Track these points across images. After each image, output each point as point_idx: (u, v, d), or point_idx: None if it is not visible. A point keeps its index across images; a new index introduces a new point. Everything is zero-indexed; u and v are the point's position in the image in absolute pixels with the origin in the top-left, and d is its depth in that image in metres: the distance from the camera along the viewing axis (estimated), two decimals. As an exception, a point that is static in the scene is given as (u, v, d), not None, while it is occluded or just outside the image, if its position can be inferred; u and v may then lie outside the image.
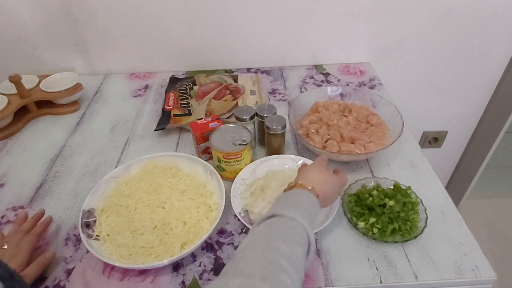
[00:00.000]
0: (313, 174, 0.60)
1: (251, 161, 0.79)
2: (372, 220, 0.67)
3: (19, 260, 0.59)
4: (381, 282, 0.60)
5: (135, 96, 1.09)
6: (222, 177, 0.74)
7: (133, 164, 0.78)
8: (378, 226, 0.66)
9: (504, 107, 1.30)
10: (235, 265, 0.43)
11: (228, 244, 0.67)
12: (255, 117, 0.82)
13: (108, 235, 0.65)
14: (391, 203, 0.68)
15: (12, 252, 0.60)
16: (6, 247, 0.61)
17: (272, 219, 0.50)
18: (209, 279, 0.62)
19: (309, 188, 0.57)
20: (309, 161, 0.78)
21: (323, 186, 0.58)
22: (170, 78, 1.12)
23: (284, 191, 0.59)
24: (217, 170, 0.75)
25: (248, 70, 1.19)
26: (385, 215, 0.66)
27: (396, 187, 0.73)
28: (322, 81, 1.13)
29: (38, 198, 0.78)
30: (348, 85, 1.10)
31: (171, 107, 0.96)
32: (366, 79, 1.13)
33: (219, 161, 0.76)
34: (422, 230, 0.65)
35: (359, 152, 0.78)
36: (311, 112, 0.90)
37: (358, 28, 1.13)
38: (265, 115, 0.81)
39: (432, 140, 1.44)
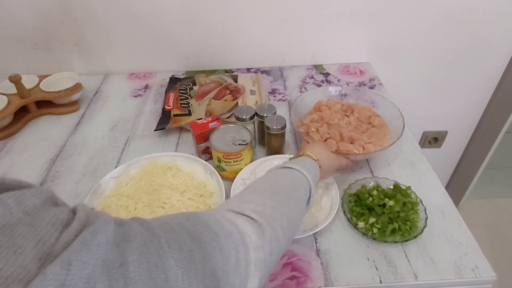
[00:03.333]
0: (319, 149, 0.66)
1: (251, 161, 0.79)
2: (372, 220, 0.67)
3: None
4: (381, 282, 0.60)
5: (135, 96, 1.09)
6: (222, 177, 0.74)
7: (133, 164, 0.78)
8: (378, 226, 0.66)
9: (504, 107, 1.30)
10: (246, 188, 0.50)
11: (228, 244, 0.67)
12: (255, 117, 0.82)
13: (108, 235, 0.65)
14: (391, 203, 0.68)
15: None
16: None
17: (280, 169, 0.56)
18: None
19: (315, 159, 0.62)
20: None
21: (326, 160, 0.65)
22: (170, 78, 1.12)
23: (291, 159, 0.64)
24: (217, 170, 0.75)
25: (248, 70, 1.19)
26: (385, 215, 0.66)
27: (396, 187, 0.73)
28: (322, 81, 1.13)
29: (38, 198, 0.78)
30: (348, 85, 1.10)
31: (171, 107, 0.96)
32: (366, 79, 1.13)
33: (219, 161, 0.76)
34: (422, 230, 0.65)
35: (357, 153, 0.78)
36: (314, 111, 0.90)
37: (358, 28, 1.13)
38: (265, 115, 0.81)
39: (432, 140, 1.44)
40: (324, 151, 0.67)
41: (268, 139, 0.81)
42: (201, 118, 0.83)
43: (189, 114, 0.94)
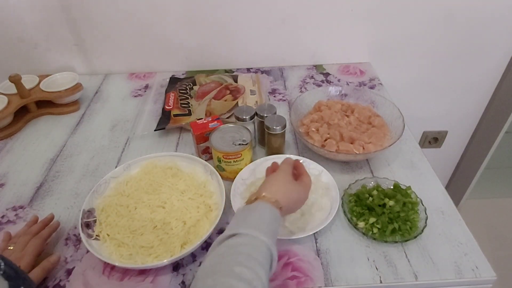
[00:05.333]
0: (279, 185, 0.59)
1: (251, 161, 0.79)
2: (372, 220, 0.67)
3: (24, 263, 0.59)
4: (381, 282, 0.60)
5: (135, 96, 1.09)
6: (222, 177, 0.74)
7: (133, 164, 0.78)
8: (378, 226, 0.66)
9: (504, 107, 1.30)
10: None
11: (228, 244, 0.67)
12: (255, 117, 0.82)
13: (108, 235, 0.65)
14: (391, 203, 0.68)
15: (17, 255, 0.60)
16: (12, 248, 0.61)
17: (233, 238, 0.49)
18: (209, 279, 0.62)
19: (273, 201, 0.55)
20: (310, 161, 0.78)
21: (287, 199, 0.58)
22: (170, 78, 1.12)
23: (247, 202, 0.57)
24: (217, 170, 0.75)
25: (248, 70, 1.19)
26: (385, 215, 0.67)
27: (396, 187, 0.73)
28: (322, 81, 1.13)
29: (38, 198, 0.78)
30: (348, 85, 1.10)
31: (171, 107, 0.96)
32: (366, 79, 1.13)
33: (219, 161, 0.76)
34: (422, 230, 0.65)
35: (357, 152, 0.78)
36: (314, 111, 0.90)
37: (358, 28, 1.13)
38: (265, 115, 0.81)
39: (432, 140, 1.44)
40: (285, 186, 0.59)
41: (268, 139, 0.81)
42: (201, 118, 0.83)
43: (189, 114, 0.94)
